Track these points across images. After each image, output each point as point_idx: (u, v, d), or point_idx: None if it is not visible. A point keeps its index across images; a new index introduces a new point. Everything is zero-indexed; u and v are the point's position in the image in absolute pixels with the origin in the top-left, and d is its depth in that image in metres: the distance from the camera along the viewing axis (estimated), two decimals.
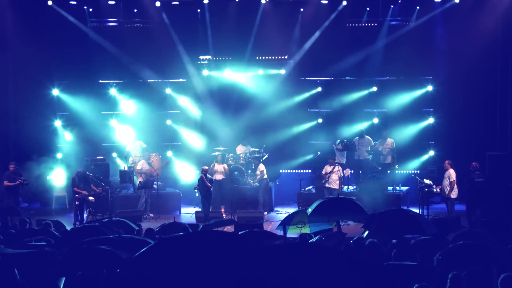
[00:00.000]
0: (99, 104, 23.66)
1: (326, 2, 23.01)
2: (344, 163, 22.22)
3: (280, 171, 23.20)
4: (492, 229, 14.27)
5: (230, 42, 23.57)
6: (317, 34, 23.57)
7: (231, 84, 24.20)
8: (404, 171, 22.76)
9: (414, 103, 23.31)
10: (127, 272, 6.07)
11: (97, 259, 7.58)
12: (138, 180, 21.13)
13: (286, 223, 12.70)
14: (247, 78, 24.27)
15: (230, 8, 23.54)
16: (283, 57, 24.36)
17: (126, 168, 21.59)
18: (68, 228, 14.80)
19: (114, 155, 23.83)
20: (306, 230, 12.69)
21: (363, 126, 23.02)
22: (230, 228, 15.41)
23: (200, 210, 20.03)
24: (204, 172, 19.59)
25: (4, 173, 19.52)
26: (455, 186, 18.86)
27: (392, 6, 23.06)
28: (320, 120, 24.13)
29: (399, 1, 22.93)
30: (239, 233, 11.92)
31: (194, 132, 24.00)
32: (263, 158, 21.92)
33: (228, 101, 23.98)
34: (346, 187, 21.72)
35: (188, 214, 20.96)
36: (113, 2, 23.28)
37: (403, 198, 21.03)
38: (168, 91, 24.30)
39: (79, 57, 23.21)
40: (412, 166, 22.36)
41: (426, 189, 19.11)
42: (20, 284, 7.12)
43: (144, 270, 5.83)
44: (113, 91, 24.09)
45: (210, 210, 19.92)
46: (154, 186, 21.15)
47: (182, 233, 11.19)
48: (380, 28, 23.37)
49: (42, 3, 22.66)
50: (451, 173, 18.93)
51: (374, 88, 23.70)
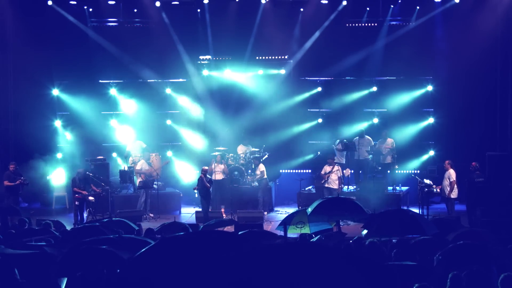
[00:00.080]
0: (99, 104, 23.66)
1: (326, 2, 23.01)
2: (344, 163, 22.23)
3: (280, 171, 23.21)
4: (492, 229, 14.26)
5: (230, 42, 23.57)
6: (317, 34, 23.57)
7: (231, 84, 24.20)
8: (404, 171, 22.76)
9: (414, 103, 23.32)
10: (128, 272, 6.07)
11: (97, 259, 7.58)
12: (137, 180, 21.15)
13: (286, 223, 12.73)
14: (247, 78, 24.26)
15: (230, 8, 23.53)
16: (283, 57, 24.36)
17: (126, 168, 21.59)
18: (68, 228, 14.82)
19: (114, 155, 23.83)
20: (306, 230, 12.70)
21: (363, 126, 23.03)
22: (230, 228, 15.40)
23: (200, 210, 20.04)
24: (203, 172, 19.60)
25: (4, 173, 19.54)
26: (455, 186, 18.87)
27: (392, 6, 23.07)
28: (320, 120, 24.13)
29: (399, 1, 22.93)
30: (239, 233, 11.90)
31: (194, 132, 23.99)
32: (263, 158, 21.92)
33: (228, 101, 23.98)
34: (346, 187, 21.73)
35: (188, 214, 20.96)
36: (113, 2, 23.29)
37: (403, 198, 21.02)
38: (168, 91, 24.30)
39: (79, 57, 23.22)
40: (412, 166, 22.36)
41: (426, 189, 19.11)
42: (20, 284, 7.12)
43: (145, 269, 5.83)
44: (113, 91, 24.09)
45: (210, 210, 19.93)
46: (154, 186, 21.16)
47: (182, 233, 11.19)
48: (380, 28, 23.38)
49: (42, 3, 22.65)
50: (451, 173, 18.93)
51: (374, 88, 23.71)
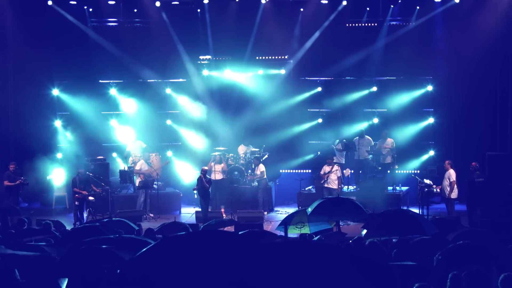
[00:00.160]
0: (99, 104, 23.66)
1: (326, 2, 23.01)
2: (343, 163, 22.23)
3: (280, 171, 23.20)
4: (492, 229, 14.28)
5: (230, 42, 23.56)
6: (317, 34, 23.57)
7: (231, 84, 24.20)
8: (404, 171, 22.76)
9: (414, 103, 23.31)
10: (129, 272, 6.05)
11: (98, 259, 7.57)
12: (137, 180, 21.14)
13: (286, 223, 12.73)
14: (247, 78, 24.26)
15: (230, 8, 23.54)
16: (283, 57, 24.36)
17: (126, 168, 21.58)
18: (68, 228, 14.82)
19: (114, 155, 23.82)
20: (306, 230, 12.71)
21: (363, 126, 23.03)
22: (230, 229, 15.39)
23: (200, 210, 20.03)
24: (203, 172, 19.59)
25: (4, 173, 19.54)
26: (455, 186, 18.86)
27: (392, 6, 23.07)
28: (320, 120, 24.13)
29: (399, 1, 22.93)
30: (239, 233, 11.90)
31: (194, 132, 23.99)
32: (263, 158, 21.92)
33: (228, 101, 23.98)
34: (346, 187, 21.74)
35: (188, 214, 20.95)
36: (113, 2, 23.29)
37: (403, 198, 21.02)
38: (168, 91, 24.29)
39: (79, 57, 23.22)
40: (412, 166, 22.36)
41: (426, 189, 19.10)
42: (20, 285, 7.12)
43: (146, 269, 5.82)
44: (113, 91, 24.09)
45: (210, 210, 19.94)
46: (154, 186, 21.16)
47: (183, 232, 11.17)
48: (380, 28, 23.38)
49: (42, 3, 22.65)
50: (451, 173, 18.92)
51: (374, 88, 23.71)
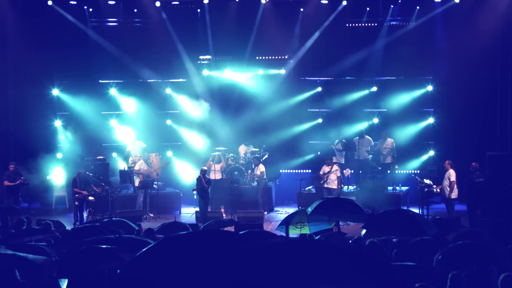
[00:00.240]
0: (99, 104, 23.65)
1: (326, 2, 23.01)
2: (343, 163, 22.22)
3: (280, 171, 23.20)
4: (492, 229, 14.28)
5: (230, 42, 23.56)
6: (317, 34, 23.57)
7: (231, 84, 24.20)
8: (404, 171, 22.76)
9: (414, 103, 23.31)
10: (130, 271, 6.04)
11: (98, 259, 7.56)
12: (136, 180, 21.11)
13: (287, 223, 12.72)
14: (247, 78, 24.26)
15: (230, 8, 23.54)
16: (283, 57, 24.36)
17: (126, 168, 21.59)
18: (68, 228, 14.82)
19: (114, 155, 23.82)
20: (306, 230, 12.71)
21: (363, 126, 23.03)
22: (230, 229, 15.38)
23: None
24: (202, 172, 19.59)
25: (4, 173, 19.54)
26: (455, 186, 18.86)
27: (392, 6, 23.06)
28: (320, 120, 24.13)
29: (399, 1, 22.93)
30: (239, 233, 11.89)
31: (194, 132, 23.98)
32: (263, 158, 21.92)
33: (228, 101, 23.99)
34: (346, 187, 21.74)
35: (188, 214, 20.95)
36: (113, 2, 23.28)
37: (403, 198, 21.01)
38: (168, 91, 24.29)
39: (79, 57, 23.21)
40: (412, 166, 22.35)
41: (426, 189, 19.10)
42: (21, 285, 7.12)
43: (147, 268, 5.81)
44: (113, 91, 24.09)
45: (209, 210, 19.94)
46: (154, 186, 21.15)
47: (184, 232, 11.16)
48: (380, 28, 23.37)
49: (42, 3, 22.65)
50: (451, 173, 18.92)
51: (374, 88, 23.70)
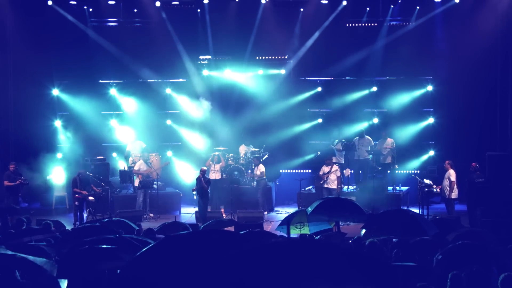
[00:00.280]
0: (99, 104, 23.64)
1: (326, 2, 23.01)
2: (343, 163, 22.22)
3: (280, 171, 23.19)
4: (492, 229, 14.28)
5: (230, 42, 23.56)
6: (317, 34, 23.56)
7: (231, 84, 24.20)
8: (404, 171, 22.75)
9: (414, 103, 23.31)
10: (131, 271, 6.03)
11: (98, 259, 7.55)
12: (136, 180, 21.08)
13: (286, 223, 12.72)
14: (247, 78, 24.26)
15: (230, 8, 23.53)
16: (283, 57, 24.35)
17: (126, 168, 21.58)
18: (68, 228, 14.81)
19: (114, 155, 23.82)
20: (306, 230, 12.70)
21: (363, 126, 23.03)
22: (230, 229, 15.37)
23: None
24: (202, 172, 19.59)
25: (4, 173, 19.54)
26: (455, 186, 18.85)
27: (392, 6, 23.05)
28: (320, 120, 24.13)
29: (399, 1, 22.92)
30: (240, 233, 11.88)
31: (194, 132, 23.98)
32: (263, 158, 21.91)
33: (228, 101, 23.98)
34: (346, 187, 21.74)
35: (188, 214, 20.95)
36: (113, 2, 23.28)
37: (403, 198, 21.01)
38: (168, 91, 24.29)
39: (79, 57, 23.21)
40: (412, 166, 22.35)
41: (426, 189, 19.09)
42: (21, 285, 7.11)
43: (148, 268, 5.80)
44: (113, 91, 24.08)
45: (209, 210, 19.94)
46: (154, 186, 21.15)
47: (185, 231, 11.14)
48: (380, 28, 23.37)
49: (42, 3, 22.65)
50: (451, 173, 18.92)
51: (374, 88, 23.70)
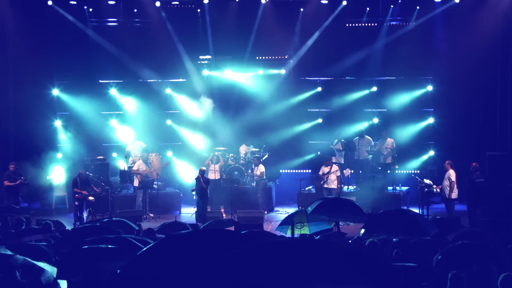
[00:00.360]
0: (99, 104, 23.64)
1: (326, 2, 23.01)
2: (343, 162, 22.22)
3: (280, 171, 23.20)
4: (492, 229, 14.28)
5: (230, 42, 23.56)
6: (317, 34, 23.56)
7: (231, 84, 24.19)
8: (404, 171, 22.75)
9: (414, 103, 23.31)
10: (131, 270, 6.02)
11: (98, 258, 7.54)
12: (135, 180, 21.05)
13: (286, 223, 12.72)
14: (247, 78, 24.25)
15: (230, 8, 23.54)
16: (283, 57, 24.34)
17: (126, 168, 21.58)
18: (68, 228, 14.80)
19: (114, 155, 23.82)
20: (306, 230, 12.69)
21: (363, 126, 23.03)
22: (230, 229, 15.37)
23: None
24: (201, 172, 19.58)
25: (4, 173, 19.54)
26: (455, 186, 18.85)
27: (392, 6, 23.05)
28: (320, 120, 24.13)
29: (399, 1, 22.92)
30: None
31: (194, 132, 23.96)
32: (263, 158, 21.91)
33: (228, 101, 23.98)
34: (346, 187, 21.73)
35: (188, 214, 20.93)
36: (113, 2, 23.28)
37: (403, 198, 21.01)
38: (168, 91, 24.28)
39: (79, 57, 23.22)
40: (412, 166, 22.35)
41: (426, 189, 19.10)
42: (21, 285, 7.11)
43: (149, 267, 5.79)
44: (113, 91, 24.08)
45: (209, 210, 19.94)
46: (154, 186, 21.14)
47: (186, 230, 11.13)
48: (380, 28, 23.37)
49: (42, 3, 22.64)
50: (451, 173, 18.91)
51: (374, 88, 23.70)
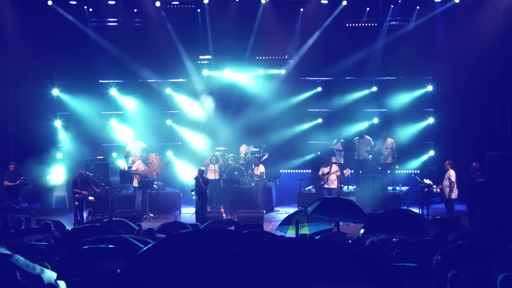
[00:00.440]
0: (99, 104, 23.64)
1: (326, 2, 23.01)
2: (343, 162, 22.21)
3: (280, 171, 23.19)
4: (492, 229, 14.28)
5: (230, 42, 23.56)
6: (317, 34, 23.56)
7: (231, 84, 24.19)
8: (404, 171, 22.75)
9: (414, 103, 23.31)
10: (132, 270, 6.01)
11: (99, 258, 7.55)
12: (134, 180, 21.02)
13: (286, 223, 12.71)
14: (247, 78, 24.25)
15: (230, 8, 23.54)
16: (283, 57, 24.34)
17: (126, 168, 21.57)
18: (68, 228, 14.80)
19: (114, 155, 23.81)
20: (306, 230, 12.68)
21: (363, 126, 23.03)
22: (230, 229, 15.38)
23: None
24: (200, 172, 19.57)
25: (4, 173, 19.54)
26: (455, 186, 18.85)
27: (392, 6, 23.06)
28: (320, 120, 24.13)
29: (399, 1, 22.92)
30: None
31: (194, 132, 23.96)
32: (263, 158, 21.91)
33: (228, 101, 23.98)
34: (346, 187, 21.73)
35: (188, 214, 20.91)
36: (113, 2, 23.28)
37: (403, 198, 21.01)
38: (168, 91, 24.28)
39: (79, 57, 23.23)
40: (412, 166, 22.35)
41: (426, 189, 19.09)
42: (21, 285, 7.11)
43: (150, 266, 5.78)
44: (113, 91, 24.08)
45: (209, 210, 19.93)
46: (154, 186, 21.13)
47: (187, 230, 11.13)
48: (380, 28, 23.37)
49: (42, 3, 22.65)
50: (451, 174, 18.91)
51: (374, 88, 23.69)
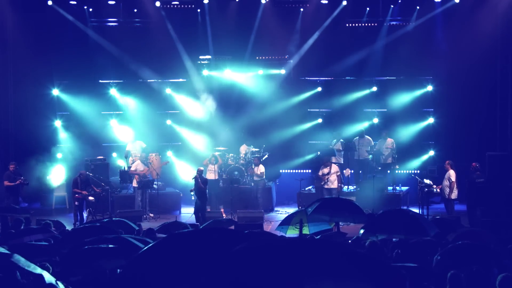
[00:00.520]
0: (99, 104, 23.64)
1: (326, 2, 23.02)
2: (342, 162, 22.21)
3: (280, 171, 23.19)
4: (492, 229, 14.28)
5: (230, 42, 23.56)
6: (317, 34, 23.56)
7: (231, 84, 24.19)
8: (404, 171, 22.75)
9: (414, 103, 23.31)
10: (132, 269, 6.01)
11: (99, 258, 7.55)
12: (133, 180, 21.00)
13: (286, 223, 12.72)
14: (247, 78, 24.25)
15: (230, 8, 23.54)
16: (283, 57, 24.34)
17: (126, 168, 21.57)
18: (68, 228, 14.81)
19: (114, 155, 23.82)
20: (306, 230, 12.68)
21: (363, 126, 23.02)
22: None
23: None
24: (199, 172, 19.57)
25: (4, 173, 19.54)
26: (455, 187, 18.85)
27: (392, 6, 23.06)
28: (320, 120, 24.13)
29: (399, 1, 22.93)
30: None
31: (194, 132, 23.96)
32: (263, 158, 21.90)
33: (228, 101, 23.98)
34: (346, 187, 21.73)
35: (188, 214, 20.91)
36: (113, 2, 23.28)
37: (403, 198, 21.01)
38: (168, 91, 24.28)
39: (79, 57, 23.24)
40: (412, 166, 22.35)
41: (426, 189, 19.10)
42: (21, 285, 7.11)
43: (150, 266, 5.78)
44: (113, 91, 24.08)
45: (209, 210, 19.92)
46: (154, 186, 21.13)
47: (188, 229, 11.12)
48: (380, 28, 23.38)
49: (42, 3, 22.64)
50: (451, 174, 18.90)
51: (374, 88, 23.70)
